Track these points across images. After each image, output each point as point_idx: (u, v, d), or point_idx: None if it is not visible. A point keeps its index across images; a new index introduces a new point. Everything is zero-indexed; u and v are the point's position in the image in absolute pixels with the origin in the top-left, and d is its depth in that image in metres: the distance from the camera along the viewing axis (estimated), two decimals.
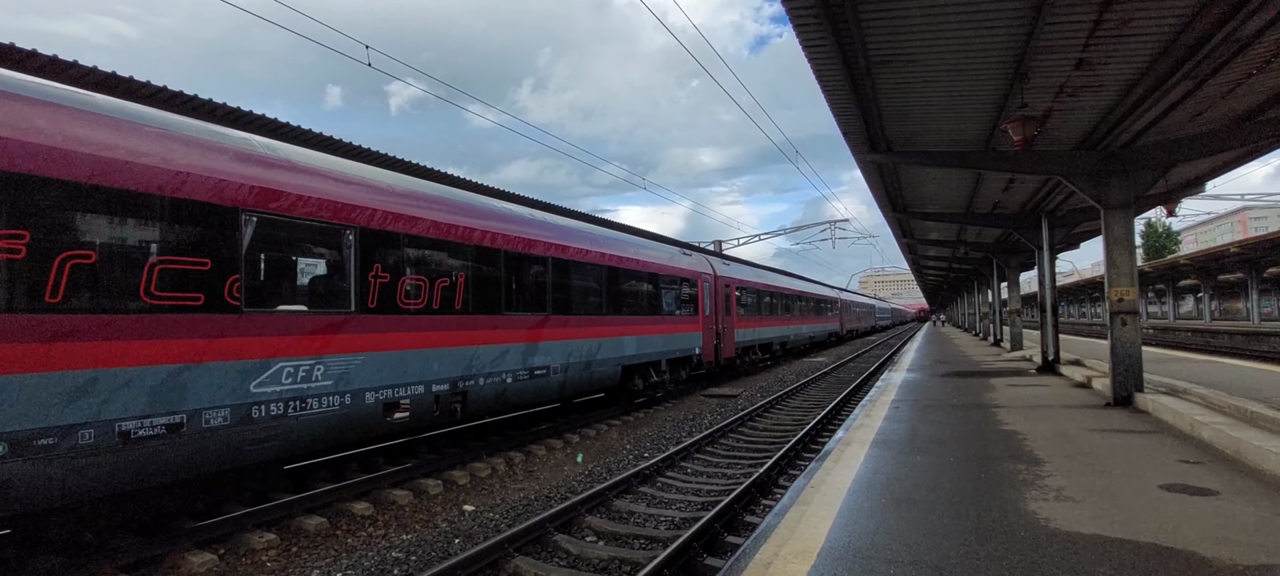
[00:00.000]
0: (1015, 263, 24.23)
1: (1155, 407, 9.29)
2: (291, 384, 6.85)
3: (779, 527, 4.81)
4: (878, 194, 16.37)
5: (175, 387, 5.84)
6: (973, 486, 5.85)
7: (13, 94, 5.22)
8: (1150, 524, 4.71)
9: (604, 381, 13.25)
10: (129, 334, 5.57)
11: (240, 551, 6.31)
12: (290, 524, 6.95)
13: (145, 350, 5.67)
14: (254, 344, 6.52)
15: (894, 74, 8.19)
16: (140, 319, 5.65)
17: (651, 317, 15.48)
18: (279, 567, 6.06)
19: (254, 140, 7.32)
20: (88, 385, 5.29)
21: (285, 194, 6.94)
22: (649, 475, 8.88)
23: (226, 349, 6.27)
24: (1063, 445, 7.50)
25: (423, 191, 9.20)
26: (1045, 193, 15.24)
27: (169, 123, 6.40)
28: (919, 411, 10.30)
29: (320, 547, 6.53)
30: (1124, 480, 5.92)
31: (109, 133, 5.66)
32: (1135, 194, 10.34)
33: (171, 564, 5.94)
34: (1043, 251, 16.59)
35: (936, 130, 10.60)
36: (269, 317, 6.74)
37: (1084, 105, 9.16)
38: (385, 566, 6.03)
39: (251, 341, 6.51)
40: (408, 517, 7.46)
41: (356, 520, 7.27)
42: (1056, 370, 16.05)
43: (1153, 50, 7.41)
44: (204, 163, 6.29)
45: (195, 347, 6.03)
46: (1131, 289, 10.34)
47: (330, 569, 5.97)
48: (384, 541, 6.68)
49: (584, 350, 12.34)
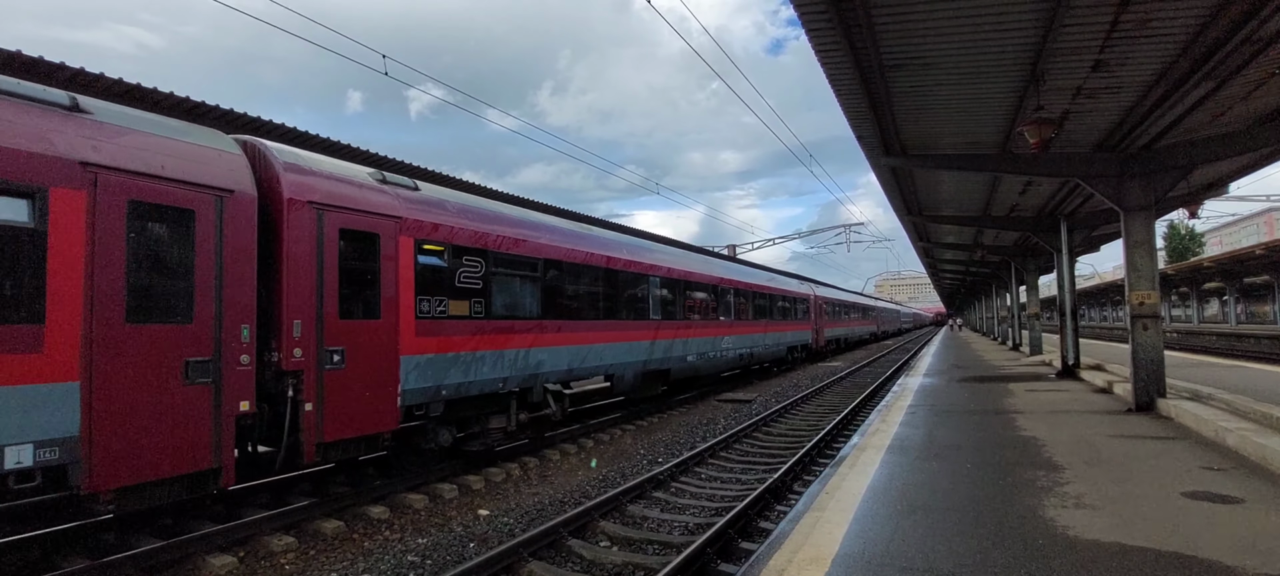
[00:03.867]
0: (1033, 266, 23.92)
1: (1178, 413, 9.13)
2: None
3: (793, 534, 4.79)
4: (893, 198, 16.27)
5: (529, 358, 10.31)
6: (990, 493, 5.79)
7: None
8: (1173, 532, 4.63)
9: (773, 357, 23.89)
10: (515, 331, 10.00)
11: (259, 554, 6.40)
12: (308, 527, 7.03)
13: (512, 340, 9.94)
14: (551, 335, 10.76)
15: (908, 78, 8.15)
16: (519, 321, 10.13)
17: (780, 322, 25.42)
18: (297, 570, 6.14)
19: (509, 211, 11.04)
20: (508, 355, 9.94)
21: (523, 242, 10.39)
22: (663, 480, 8.88)
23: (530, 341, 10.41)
24: (1083, 451, 7.39)
25: (608, 238, 13.86)
26: (1063, 195, 15.06)
27: (498, 209, 10.47)
28: (935, 417, 10.21)
29: (337, 551, 6.61)
30: (1146, 487, 5.82)
31: (507, 227, 10.34)
32: (1156, 196, 10.19)
33: (192, 566, 6.04)
34: (1061, 254, 16.38)
35: (952, 133, 10.52)
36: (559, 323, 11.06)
37: (1102, 107, 9.05)
38: (401, 570, 6.08)
39: (569, 336, 11.29)
40: (423, 521, 7.52)
41: (373, 524, 7.34)
42: (1077, 375, 15.82)
43: (1172, 51, 7.32)
44: (535, 239, 10.61)
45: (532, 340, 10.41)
46: (1153, 292, 10.18)
47: (347, 572, 6.03)
48: (400, 545, 6.74)
49: (752, 341, 21.37)
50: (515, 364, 9.87)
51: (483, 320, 9.28)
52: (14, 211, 4.98)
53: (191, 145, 6.27)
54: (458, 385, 8.77)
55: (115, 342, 5.45)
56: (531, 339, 10.26)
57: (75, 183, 5.30)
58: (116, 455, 5.40)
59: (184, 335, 5.90)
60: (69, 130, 5.41)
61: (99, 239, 5.41)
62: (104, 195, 5.47)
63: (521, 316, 10.11)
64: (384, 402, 7.68)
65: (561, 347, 10.97)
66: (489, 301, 9.40)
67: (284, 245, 6.79)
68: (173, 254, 5.91)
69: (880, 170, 12.99)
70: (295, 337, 6.80)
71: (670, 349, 15.06)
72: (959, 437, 8.43)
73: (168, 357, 5.76)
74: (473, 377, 9.05)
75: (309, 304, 6.95)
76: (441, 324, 8.58)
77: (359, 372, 7.39)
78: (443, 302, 8.64)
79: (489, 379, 9.35)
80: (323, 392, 6.98)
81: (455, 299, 8.83)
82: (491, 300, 9.45)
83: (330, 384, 7.06)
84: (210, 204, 6.15)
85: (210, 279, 6.09)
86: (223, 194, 6.26)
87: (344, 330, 7.27)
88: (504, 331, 9.68)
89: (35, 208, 5.07)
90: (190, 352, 5.91)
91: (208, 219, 6.12)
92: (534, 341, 10.31)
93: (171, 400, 5.76)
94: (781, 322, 25.34)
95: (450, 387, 8.64)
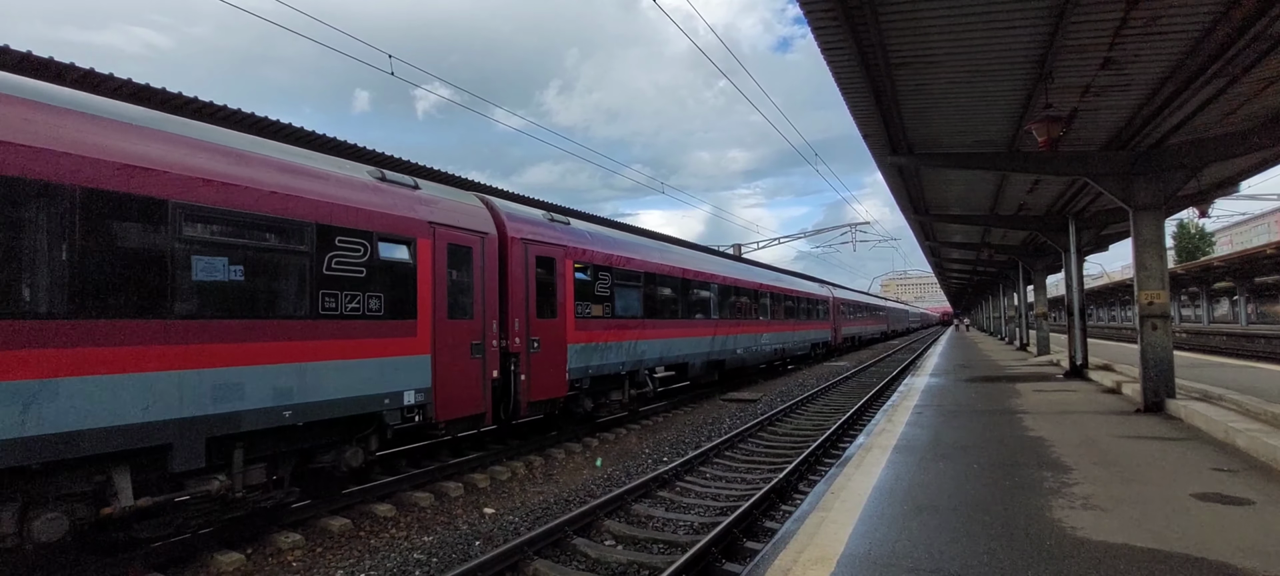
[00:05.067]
0: (1041, 265, 23.76)
1: (1188, 414, 9.06)
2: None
3: (798, 533, 4.78)
4: (899, 196, 16.20)
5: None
6: (998, 494, 5.76)
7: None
8: (1182, 533, 4.59)
9: (800, 353, 27.57)
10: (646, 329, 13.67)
11: (267, 551, 6.43)
12: (315, 524, 7.07)
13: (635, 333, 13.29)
14: (650, 331, 13.92)
15: (915, 76, 8.11)
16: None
17: (806, 321, 28.82)
18: (304, 567, 6.17)
19: (636, 240, 15.09)
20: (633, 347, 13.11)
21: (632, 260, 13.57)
22: (667, 479, 8.87)
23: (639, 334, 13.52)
24: (1091, 452, 7.35)
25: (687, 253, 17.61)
26: (1072, 194, 14.96)
27: (614, 235, 13.74)
28: (942, 417, 10.16)
29: (344, 548, 6.64)
30: (1155, 488, 5.78)
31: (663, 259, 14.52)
32: (1165, 195, 10.11)
33: (200, 563, 6.07)
34: (1069, 254, 16.27)
35: (959, 131, 10.46)
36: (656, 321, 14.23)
37: (1111, 105, 8.98)
38: (407, 567, 6.10)
39: (661, 331, 14.43)
40: (429, 519, 7.54)
41: (379, 521, 7.37)
42: (1085, 375, 15.72)
43: (1181, 49, 7.26)
44: (639, 257, 13.98)
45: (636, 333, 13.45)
46: (1162, 292, 10.10)
47: (354, 569, 6.06)
48: (406, 542, 6.77)
49: (784, 338, 24.82)
50: (629, 352, 13.05)
51: (610, 319, 12.40)
52: (401, 254, 7.90)
53: (466, 205, 9.28)
54: (597, 366, 11.87)
55: (444, 330, 8.40)
56: (637, 333, 13.43)
57: (425, 235, 8.22)
58: (445, 399, 8.37)
59: (470, 327, 8.89)
60: (419, 203, 8.31)
61: (436, 268, 8.31)
62: (437, 241, 8.39)
63: (631, 316, 13.25)
64: (559, 376, 10.82)
65: (656, 340, 14.25)
66: (613, 305, 12.55)
67: (510, 268, 9.81)
68: (464, 275, 8.87)
69: (887, 169, 12.94)
70: (516, 330, 9.84)
71: (725, 343, 18.37)
72: (966, 438, 8.39)
73: (464, 341, 8.77)
74: (605, 362, 12.14)
75: (522, 307, 9.97)
76: (588, 322, 11.65)
77: (547, 355, 10.50)
78: (588, 306, 11.71)
79: (613, 363, 12.47)
80: (529, 368, 10.05)
81: (594, 303, 11.91)
82: (614, 304, 12.60)
83: (533, 362, 10.14)
84: (478, 243, 9.14)
85: (479, 291, 9.08)
86: (484, 236, 9.26)
87: (539, 325, 10.30)
88: (622, 327, 12.84)
89: (411, 251, 8.01)
90: (473, 338, 8.92)
91: (477, 253, 9.09)
92: (639, 335, 13.49)
93: (465, 368, 8.77)
94: (807, 322, 28.80)
95: (593, 368, 11.75)
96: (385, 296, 7.60)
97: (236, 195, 6.18)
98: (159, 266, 5.59)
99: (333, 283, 6.99)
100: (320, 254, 6.88)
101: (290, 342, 6.53)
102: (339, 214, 7.12)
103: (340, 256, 7.12)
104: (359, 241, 7.34)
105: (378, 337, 7.48)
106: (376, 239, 7.55)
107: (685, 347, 15.72)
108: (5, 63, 7.63)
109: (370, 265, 7.44)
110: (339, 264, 7.10)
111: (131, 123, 5.73)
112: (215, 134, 6.50)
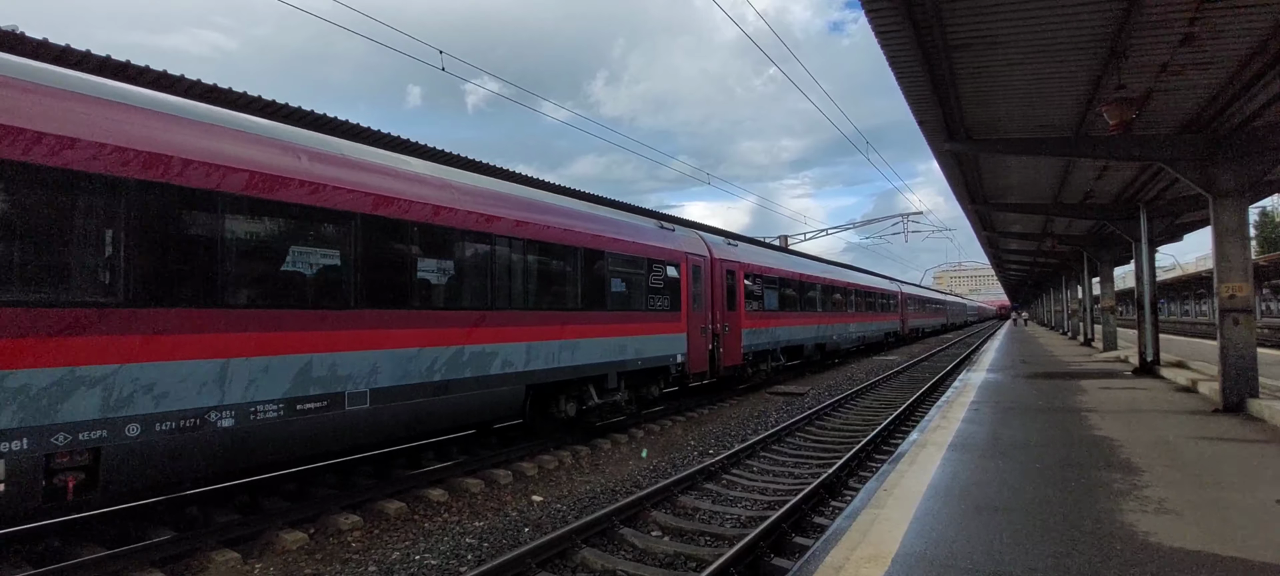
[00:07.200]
0: (1108, 256, 22.59)
1: (1271, 414, 8.48)
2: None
3: (850, 530, 4.68)
4: (955, 185, 15.64)
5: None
6: (1061, 495, 5.51)
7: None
8: (1265, 541, 4.30)
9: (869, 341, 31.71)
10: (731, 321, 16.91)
11: (328, 531, 6.69)
12: (373, 507, 7.31)
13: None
14: (783, 321, 19.86)
15: (974, 58, 7.79)
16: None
17: (880, 314, 33.94)
18: (363, 547, 6.39)
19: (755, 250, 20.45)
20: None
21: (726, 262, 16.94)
22: (714, 472, 8.83)
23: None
24: (1164, 453, 6.96)
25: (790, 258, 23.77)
26: (1144, 180, 14.15)
27: (761, 250, 20.65)
28: (1000, 414, 9.80)
29: (400, 530, 6.85)
30: (1235, 493, 5.43)
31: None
32: (1249, 180, 9.45)
33: (266, 540, 6.37)
34: (1140, 244, 15.41)
35: (1021, 116, 10.01)
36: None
37: (1190, 84, 8.44)
38: (459, 551, 6.25)
39: (789, 320, 20.40)
40: (480, 505, 7.71)
41: (433, 506, 7.58)
42: (1156, 372, 14.89)
43: (1269, 22, 6.74)
44: (778, 266, 20.01)
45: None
46: (1244, 284, 9.47)
47: (410, 551, 6.25)
48: (458, 527, 6.94)
49: (864, 327, 30.00)
50: (771, 336, 18.56)
51: (762, 313, 17.98)
52: (673, 272, 13.04)
53: (694, 237, 14.77)
54: (757, 345, 17.37)
55: (691, 320, 13.56)
56: (777, 322, 19.07)
57: (682, 260, 13.43)
58: (693, 361, 13.64)
59: (703, 317, 14.25)
60: (675, 240, 13.57)
61: (685, 280, 13.39)
62: (687, 263, 13.63)
63: (772, 311, 18.75)
64: (737, 350, 16.09)
65: (786, 327, 20.01)
66: (763, 303, 18.07)
67: (714, 278, 15.08)
68: (698, 285, 14.09)
69: (943, 156, 12.50)
70: (716, 318, 15.04)
71: (826, 331, 24.25)
72: (1026, 436, 8.06)
73: (699, 326, 13.98)
74: (759, 343, 17.56)
75: (721, 304, 15.26)
76: (752, 315, 17.11)
77: (731, 337, 15.72)
78: (751, 303, 17.16)
79: (765, 343, 18.03)
80: (722, 345, 15.21)
81: (753, 301, 17.32)
82: (765, 302, 18.20)
83: (724, 341, 15.29)
84: (704, 263, 14.56)
85: (707, 294, 14.53)
86: (705, 258, 14.67)
87: (725, 316, 15.43)
88: (768, 318, 18.43)
89: (676, 271, 13.17)
90: (705, 324, 14.36)
91: (704, 269, 14.50)
92: (778, 323, 19.17)
93: (700, 342, 14.05)
94: (881, 314, 34.42)
95: (754, 347, 17.19)
96: (668, 298, 12.77)
97: (628, 248, 11.70)
98: (627, 282, 11.61)
99: (651, 290, 12.24)
100: (647, 273, 12.16)
101: (642, 324, 11.91)
102: (654, 251, 12.56)
103: (654, 275, 12.43)
104: (662, 265, 12.73)
105: (667, 323, 12.69)
106: (666, 265, 12.83)
107: (802, 333, 21.53)
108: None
109: (665, 279, 12.70)
110: (654, 279, 12.40)
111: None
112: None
